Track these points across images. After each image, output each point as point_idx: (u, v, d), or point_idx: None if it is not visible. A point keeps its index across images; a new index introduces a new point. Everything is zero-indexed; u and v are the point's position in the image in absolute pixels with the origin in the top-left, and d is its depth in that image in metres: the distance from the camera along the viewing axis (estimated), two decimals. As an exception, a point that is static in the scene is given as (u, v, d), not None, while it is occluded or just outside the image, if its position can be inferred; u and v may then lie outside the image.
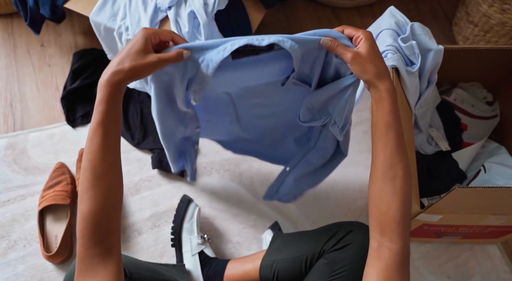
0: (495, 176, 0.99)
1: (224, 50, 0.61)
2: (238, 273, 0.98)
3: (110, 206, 0.58)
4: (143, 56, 0.60)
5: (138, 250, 1.13)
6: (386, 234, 0.58)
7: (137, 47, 0.59)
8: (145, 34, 0.60)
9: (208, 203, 1.19)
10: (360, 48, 0.61)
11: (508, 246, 1.15)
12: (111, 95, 0.58)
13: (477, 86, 1.16)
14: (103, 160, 0.58)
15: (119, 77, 0.59)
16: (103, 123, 0.58)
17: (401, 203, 0.59)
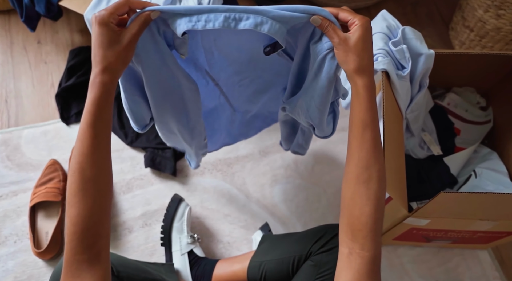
0: (485, 181, 0.99)
1: (196, 22, 0.56)
2: (227, 273, 0.98)
3: (99, 210, 0.56)
4: (117, 41, 0.56)
5: (128, 248, 1.13)
6: (357, 240, 0.55)
7: (106, 38, 0.55)
8: (103, 21, 0.55)
9: (199, 203, 1.20)
10: (351, 34, 0.56)
11: (499, 251, 1.15)
12: (104, 95, 0.56)
13: (470, 91, 1.16)
14: (93, 162, 0.56)
15: (109, 74, 0.57)
16: (94, 125, 0.56)
17: (375, 208, 0.56)
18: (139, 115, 0.73)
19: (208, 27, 0.56)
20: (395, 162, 0.82)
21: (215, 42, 0.69)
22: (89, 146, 0.56)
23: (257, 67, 0.78)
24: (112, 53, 0.56)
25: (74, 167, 0.56)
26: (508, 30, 1.20)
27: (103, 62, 0.56)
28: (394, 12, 1.54)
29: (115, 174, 1.23)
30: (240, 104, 0.94)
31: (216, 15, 0.56)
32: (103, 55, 0.56)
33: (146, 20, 0.57)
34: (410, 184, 1.00)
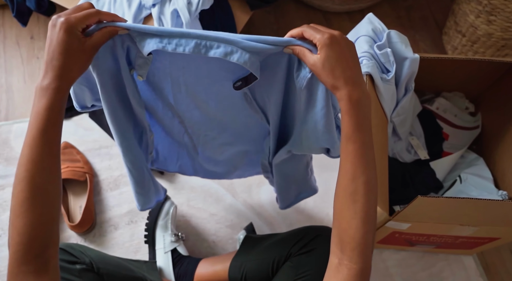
0: (470, 187, 0.99)
1: (167, 44, 0.56)
2: (208, 273, 0.99)
3: (49, 219, 0.55)
4: (80, 50, 0.55)
5: (113, 245, 1.13)
6: (345, 252, 0.55)
7: (70, 46, 0.54)
8: (70, 29, 0.53)
9: (186, 201, 1.20)
10: (318, 56, 0.55)
11: (484, 257, 1.15)
12: (59, 102, 0.55)
13: (459, 96, 1.16)
14: (43, 169, 0.54)
15: (66, 81, 0.55)
16: (47, 132, 0.54)
17: (362, 221, 0.54)
18: (81, 98, 0.72)
19: (179, 51, 0.56)
20: (377, 165, 0.82)
21: (183, 72, 0.67)
22: (40, 153, 0.54)
23: (226, 117, 0.76)
24: (73, 62, 0.55)
25: (22, 174, 0.54)
26: (499, 36, 1.20)
27: (61, 70, 0.54)
28: (388, 15, 1.55)
29: (104, 170, 1.23)
30: (204, 151, 0.90)
31: (188, 41, 0.56)
32: (63, 63, 0.54)
33: (111, 34, 0.57)
34: (394, 188, 1.00)
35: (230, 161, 0.92)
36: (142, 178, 0.85)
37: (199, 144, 0.88)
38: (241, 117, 0.76)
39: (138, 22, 1.05)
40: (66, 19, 0.54)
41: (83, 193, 1.14)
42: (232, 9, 1.15)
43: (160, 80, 0.70)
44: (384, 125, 0.91)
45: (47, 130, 0.54)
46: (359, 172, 0.56)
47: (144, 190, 0.87)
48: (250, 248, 0.95)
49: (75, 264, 0.80)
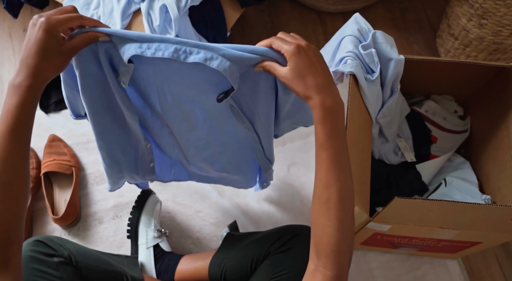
0: (454, 190, 0.99)
1: (146, 49, 0.56)
2: (189, 269, 0.98)
3: (13, 216, 0.54)
4: (57, 52, 0.55)
5: (97, 239, 1.13)
6: (321, 258, 0.56)
7: (48, 47, 0.54)
8: (50, 29, 0.53)
9: (172, 197, 1.20)
10: (288, 66, 0.56)
11: (469, 262, 1.14)
12: (30, 100, 0.54)
13: (448, 100, 1.16)
14: (10, 167, 0.54)
15: (39, 80, 0.55)
16: (16, 130, 0.54)
17: (337, 229, 0.55)
18: (75, 106, 0.73)
19: (157, 56, 0.56)
20: (358, 165, 0.81)
21: (168, 82, 0.67)
22: (8, 150, 0.54)
23: (213, 127, 0.77)
24: (48, 63, 0.55)
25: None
26: (490, 40, 1.19)
27: (35, 68, 0.54)
28: (383, 17, 1.54)
29: (91, 164, 1.23)
30: (195, 162, 0.90)
31: (167, 46, 0.56)
32: (38, 62, 0.54)
33: (92, 40, 0.57)
34: (378, 189, 1.00)
35: (222, 169, 0.92)
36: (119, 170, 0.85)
37: (189, 155, 0.88)
38: (228, 127, 0.76)
39: (127, 17, 1.05)
40: (47, 19, 0.54)
41: (68, 186, 1.14)
42: (223, 6, 1.15)
43: (146, 88, 0.70)
44: (368, 126, 0.91)
45: (16, 128, 0.54)
46: (333, 179, 0.56)
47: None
48: (230, 246, 0.94)
49: (52, 257, 0.80)
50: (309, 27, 1.51)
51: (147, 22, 1.03)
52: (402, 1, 1.57)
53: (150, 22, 1.03)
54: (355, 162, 0.78)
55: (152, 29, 1.03)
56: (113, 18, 1.05)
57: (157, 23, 1.03)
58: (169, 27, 1.04)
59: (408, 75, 1.03)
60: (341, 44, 0.87)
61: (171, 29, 1.03)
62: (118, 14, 1.04)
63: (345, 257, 0.56)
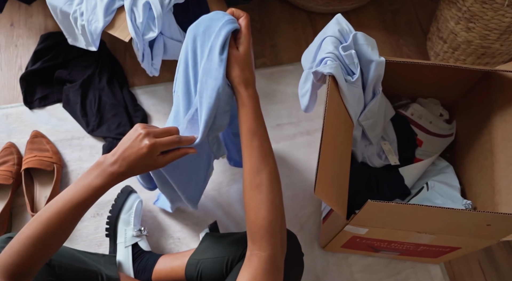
0: (435, 195, 0.98)
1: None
2: (166, 269, 0.97)
3: (40, 260, 0.60)
4: (152, 165, 0.64)
5: (76, 237, 1.12)
6: (255, 242, 0.59)
7: (146, 162, 0.63)
8: (154, 150, 0.62)
9: (154, 196, 1.18)
10: (238, 47, 0.63)
11: (451, 267, 1.13)
12: (107, 188, 0.63)
13: (434, 103, 1.15)
14: (62, 227, 0.60)
15: (125, 178, 0.64)
16: (86, 206, 0.62)
17: (268, 210, 0.59)
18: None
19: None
20: (336, 167, 0.80)
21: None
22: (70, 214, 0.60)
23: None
24: (140, 171, 0.64)
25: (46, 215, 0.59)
26: (478, 44, 1.18)
27: (128, 170, 0.63)
28: (373, 18, 1.53)
29: (73, 161, 1.22)
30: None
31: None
32: (133, 167, 0.63)
33: (182, 156, 0.67)
34: (359, 192, 0.99)
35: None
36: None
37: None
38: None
39: (110, 13, 1.04)
40: (153, 144, 0.62)
41: (49, 183, 1.13)
42: (209, 4, 1.14)
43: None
44: (349, 128, 0.90)
45: (86, 205, 0.62)
46: (263, 164, 0.61)
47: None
48: (207, 246, 0.94)
49: (25, 254, 0.79)
50: (299, 27, 1.50)
51: (130, 19, 1.02)
52: (393, 3, 1.56)
53: (134, 19, 1.02)
54: (331, 163, 0.78)
55: (135, 26, 1.02)
56: (96, 14, 1.04)
57: (140, 20, 1.02)
58: (153, 24, 1.03)
59: (394, 78, 1.02)
60: (322, 45, 0.86)
61: (155, 27, 1.03)
62: (101, 11, 1.03)
63: (277, 237, 0.59)
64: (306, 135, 1.30)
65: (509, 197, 0.82)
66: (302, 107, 1.04)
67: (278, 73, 1.39)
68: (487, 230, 0.75)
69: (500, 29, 1.09)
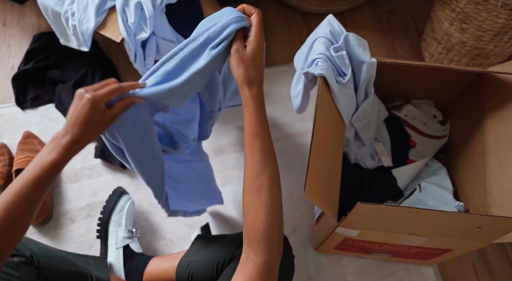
0: (428, 196, 0.97)
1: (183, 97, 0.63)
2: (157, 271, 0.97)
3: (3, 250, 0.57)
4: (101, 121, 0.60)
5: (68, 238, 1.12)
6: (252, 246, 0.57)
7: (93, 119, 0.58)
8: (96, 104, 0.58)
9: (146, 197, 1.18)
10: (247, 45, 0.61)
11: (444, 269, 1.13)
12: (65, 161, 0.59)
13: (428, 104, 1.14)
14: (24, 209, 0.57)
15: (80, 146, 0.60)
16: (42, 182, 0.58)
17: (267, 215, 0.57)
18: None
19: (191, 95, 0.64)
20: (326, 168, 0.80)
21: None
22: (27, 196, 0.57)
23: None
24: (91, 131, 0.59)
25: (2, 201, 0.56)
26: (472, 45, 1.18)
27: (79, 137, 0.58)
28: (368, 19, 1.53)
29: (65, 163, 1.21)
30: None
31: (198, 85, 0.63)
32: (83, 132, 0.58)
33: (129, 105, 0.62)
34: (351, 193, 0.98)
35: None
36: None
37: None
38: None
39: (102, 14, 1.04)
40: (93, 96, 0.58)
41: (41, 184, 1.12)
42: (202, 4, 1.14)
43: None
44: (340, 129, 0.90)
45: (42, 180, 0.58)
46: (264, 167, 0.59)
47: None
48: (199, 248, 0.93)
49: (13, 257, 0.78)
50: (293, 27, 1.49)
51: (121, 19, 1.01)
52: (388, 4, 1.55)
53: (125, 20, 1.02)
54: (321, 165, 0.77)
55: (127, 26, 1.01)
56: (87, 14, 1.03)
57: (132, 20, 1.01)
58: (144, 24, 1.02)
59: (387, 79, 1.01)
60: (313, 46, 0.85)
61: (146, 27, 1.02)
62: (93, 11, 1.02)
63: (274, 242, 0.58)
64: (300, 136, 1.30)
65: (501, 198, 0.82)
66: (294, 108, 1.04)
67: (272, 74, 1.39)
68: (478, 232, 0.75)
69: (494, 30, 1.09)
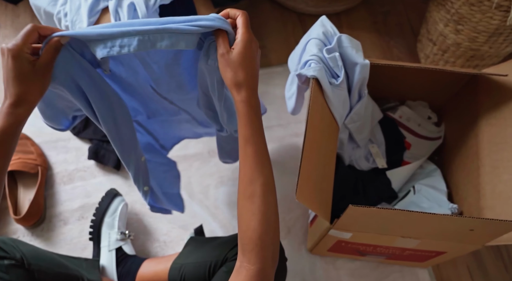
0: (422, 198, 0.97)
1: (111, 48, 0.56)
2: (150, 273, 0.96)
3: None
4: (32, 73, 0.54)
5: (61, 240, 1.11)
6: (245, 254, 0.56)
7: (21, 72, 0.53)
8: (18, 54, 0.53)
9: (140, 199, 1.17)
10: (233, 47, 0.57)
11: (439, 271, 1.12)
12: (13, 127, 0.55)
13: (423, 106, 1.14)
14: None
15: (24, 107, 0.55)
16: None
17: (260, 222, 0.56)
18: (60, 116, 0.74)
19: (124, 52, 0.55)
20: (318, 170, 0.79)
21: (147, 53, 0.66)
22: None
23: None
24: (27, 87, 0.54)
25: None
26: (467, 46, 1.17)
27: (18, 96, 0.54)
28: (364, 20, 1.52)
29: (59, 164, 1.21)
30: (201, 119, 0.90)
31: (130, 39, 0.55)
32: (19, 89, 0.54)
33: (57, 47, 0.56)
34: (345, 195, 0.98)
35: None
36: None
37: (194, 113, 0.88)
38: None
39: (95, 14, 1.03)
40: (11, 46, 0.53)
41: (33, 185, 1.12)
42: (196, 5, 1.13)
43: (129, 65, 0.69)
44: (334, 131, 0.89)
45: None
46: (257, 174, 0.57)
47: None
48: (191, 251, 0.92)
49: (3, 259, 0.78)
50: (289, 28, 1.49)
51: (115, 20, 1.00)
52: (384, 5, 1.55)
53: (118, 20, 1.01)
54: (313, 167, 0.77)
55: (119, 27, 1.01)
56: (80, 15, 1.03)
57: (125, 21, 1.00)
58: (138, 25, 1.02)
59: (382, 81, 1.01)
60: (306, 47, 0.85)
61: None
62: (85, 12, 1.02)
63: (268, 251, 0.57)
64: (295, 137, 1.30)
65: (494, 201, 0.81)
66: (288, 110, 1.04)
67: (267, 75, 1.38)
68: (471, 235, 0.74)
69: (489, 31, 1.09)
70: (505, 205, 0.79)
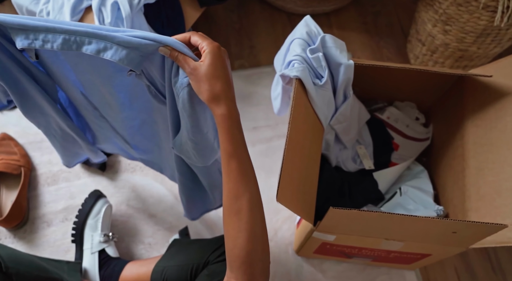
0: (408, 200, 0.96)
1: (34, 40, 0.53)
2: (132, 276, 0.95)
3: None
4: None
5: (43, 242, 1.09)
6: (233, 270, 0.55)
7: None
8: None
9: (126, 201, 1.16)
10: (201, 62, 0.53)
11: (427, 273, 1.11)
12: None
13: (410, 107, 1.13)
14: None
15: None
16: None
17: (247, 240, 0.54)
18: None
19: (47, 48, 0.53)
20: (301, 172, 0.78)
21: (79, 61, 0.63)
22: None
23: (144, 106, 0.72)
24: None
25: None
26: (455, 47, 1.17)
27: None
28: (354, 20, 1.52)
29: (43, 165, 1.19)
30: (137, 143, 0.87)
31: (55, 36, 0.52)
32: None
33: None
34: (330, 197, 0.97)
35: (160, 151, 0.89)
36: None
37: (128, 138, 0.86)
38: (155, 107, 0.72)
39: (78, 13, 1.02)
40: None
41: (16, 187, 1.10)
42: (182, 4, 1.11)
43: (59, 68, 0.66)
44: (318, 132, 0.88)
45: None
46: (242, 189, 0.55)
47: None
48: (174, 253, 0.91)
49: (-20, 263, 0.76)
50: (278, 28, 1.48)
51: (98, 19, 0.99)
52: (374, 5, 1.54)
53: (102, 19, 1.00)
54: (296, 169, 0.76)
55: (103, 26, 0.99)
56: (62, 14, 1.01)
57: (109, 20, 0.99)
58: (122, 25, 1.00)
59: (370, 81, 1.00)
60: (290, 47, 0.84)
61: (123, 27, 1.00)
62: (68, 10, 1.00)
63: (256, 267, 0.55)
64: (283, 138, 1.27)
65: (479, 203, 0.81)
66: (274, 111, 1.03)
67: (255, 75, 1.37)
68: (454, 238, 0.73)
69: (476, 32, 1.08)
70: (490, 207, 0.78)
